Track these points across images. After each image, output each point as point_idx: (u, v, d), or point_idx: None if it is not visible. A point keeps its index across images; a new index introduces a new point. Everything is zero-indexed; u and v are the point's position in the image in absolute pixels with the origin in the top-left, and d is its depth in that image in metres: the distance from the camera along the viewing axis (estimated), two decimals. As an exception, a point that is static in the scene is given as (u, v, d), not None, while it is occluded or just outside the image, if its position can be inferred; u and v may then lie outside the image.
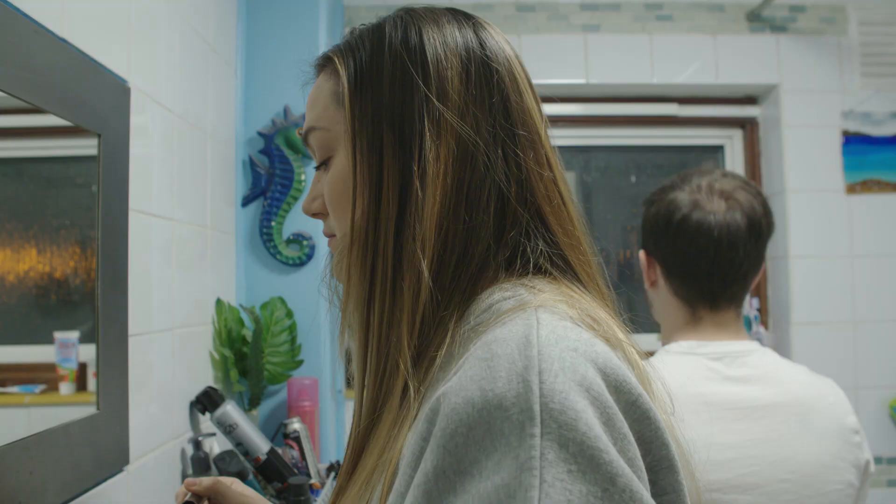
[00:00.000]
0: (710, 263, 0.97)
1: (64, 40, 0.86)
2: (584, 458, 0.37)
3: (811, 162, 2.09)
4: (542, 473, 0.36)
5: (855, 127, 2.10)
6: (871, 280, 2.07)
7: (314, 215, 0.62)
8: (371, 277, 0.52)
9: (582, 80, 2.09)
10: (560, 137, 2.23)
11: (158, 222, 1.16)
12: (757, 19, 2.10)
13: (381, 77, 0.53)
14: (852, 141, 2.09)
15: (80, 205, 0.94)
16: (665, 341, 1.04)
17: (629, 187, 2.27)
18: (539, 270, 0.52)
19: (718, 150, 2.29)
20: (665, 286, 1.03)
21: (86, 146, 0.92)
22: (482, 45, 0.56)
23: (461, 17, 0.58)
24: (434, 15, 0.57)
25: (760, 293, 2.19)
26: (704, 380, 0.93)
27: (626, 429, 0.39)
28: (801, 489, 0.89)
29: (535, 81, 0.60)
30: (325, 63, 0.59)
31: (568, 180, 0.58)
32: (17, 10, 0.76)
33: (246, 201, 1.68)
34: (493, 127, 0.53)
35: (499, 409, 0.38)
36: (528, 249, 0.52)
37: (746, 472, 0.88)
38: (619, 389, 0.41)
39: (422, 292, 0.49)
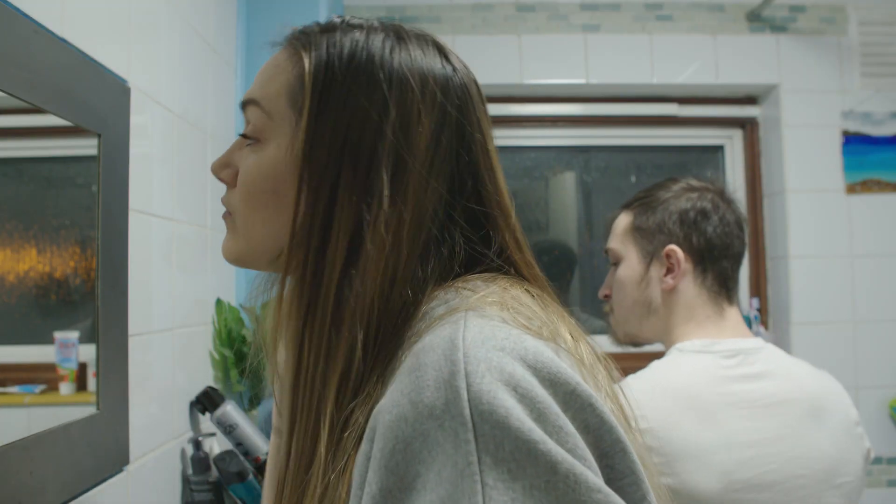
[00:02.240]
0: (739, 250, 1.05)
1: (64, 40, 0.86)
2: (520, 454, 0.36)
3: (811, 162, 2.09)
4: (483, 477, 0.36)
5: (855, 127, 2.10)
6: (871, 280, 2.07)
7: (219, 179, 0.59)
8: (305, 324, 0.50)
9: (582, 80, 2.09)
10: (560, 137, 2.23)
11: (158, 222, 1.16)
12: (757, 19, 2.10)
13: (347, 100, 0.50)
14: (852, 141, 2.09)
15: (80, 205, 0.94)
16: (675, 339, 1.02)
17: (629, 187, 2.27)
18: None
19: (718, 150, 2.29)
20: (693, 280, 1.03)
21: (86, 146, 0.92)
22: (457, 97, 0.53)
23: (443, 54, 0.55)
24: (422, 46, 0.54)
25: (760, 293, 2.19)
26: (721, 379, 0.93)
27: (561, 421, 0.39)
28: (816, 484, 0.90)
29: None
30: (293, 48, 0.56)
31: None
32: (17, 10, 0.76)
33: (246, 201, 1.68)
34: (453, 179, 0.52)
35: (430, 418, 0.38)
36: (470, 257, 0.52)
37: (765, 471, 0.88)
38: (554, 382, 0.40)
39: (355, 354, 0.47)
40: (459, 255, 0.52)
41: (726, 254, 1.03)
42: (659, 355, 1.01)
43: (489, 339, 0.41)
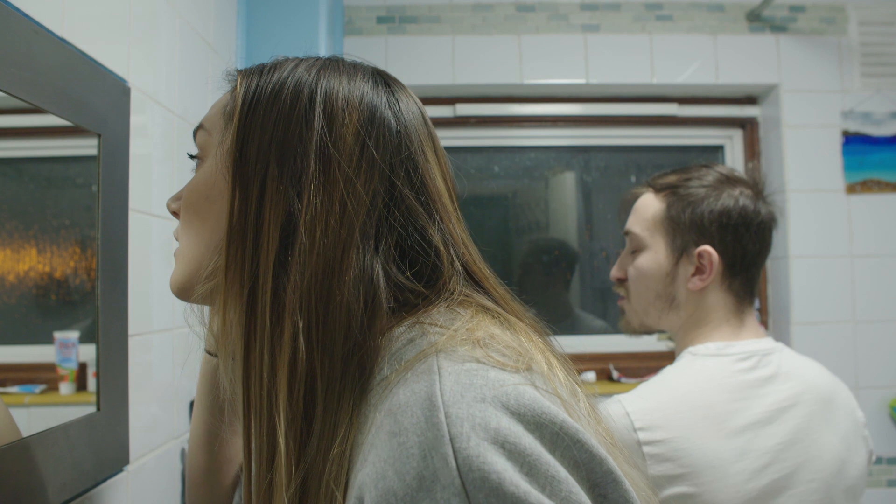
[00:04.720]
0: (765, 258, 1.02)
1: (64, 40, 0.86)
2: None
3: (811, 162, 2.09)
4: None
5: (855, 127, 2.10)
6: (871, 280, 2.07)
7: (174, 213, 0.61)
8: (248, 317, 0.50)
9: (582, 80, 2.09)
10: (560, 137, 2.23)
11: (158, 222, 1.16)
12: (757, 19, 2.10)
13: (274, 102, 0.53)
14: (852, 141, 2.09)
15: (80, 205, 0.94)
16: (690, 340, 1.01)
17: (629, 187, 2.27)
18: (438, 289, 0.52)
19: (718, 150, 2.29)
20: (721, 283, 0.99)
21: (86, 146, 0.92)
22: (389, 105, 0.55)
23: (379, 78, 0.57)
24: (352, 70, 0.56)
25: (760, 293, 2.19)
26: (736, 385, 0.92)
27: (552, 470, 0.38)
28: (827, 487, 0.90)
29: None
30: (234, 80, 0.59)
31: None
32: (17, 10, 0.76)
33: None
34: (388, 174, 0.52)
35: (420, 491, 0.37)
36: (428, 272, 0.52)
37: (780, 476, 0.87)
38: (539, 424, 0.40)
39: (298, 343, 0.47)
40: (402, 254, 0.52)
41: (757, 260, 0.99)
42: (663, 354, 1.01)
43: (468, 389, 0.40)
